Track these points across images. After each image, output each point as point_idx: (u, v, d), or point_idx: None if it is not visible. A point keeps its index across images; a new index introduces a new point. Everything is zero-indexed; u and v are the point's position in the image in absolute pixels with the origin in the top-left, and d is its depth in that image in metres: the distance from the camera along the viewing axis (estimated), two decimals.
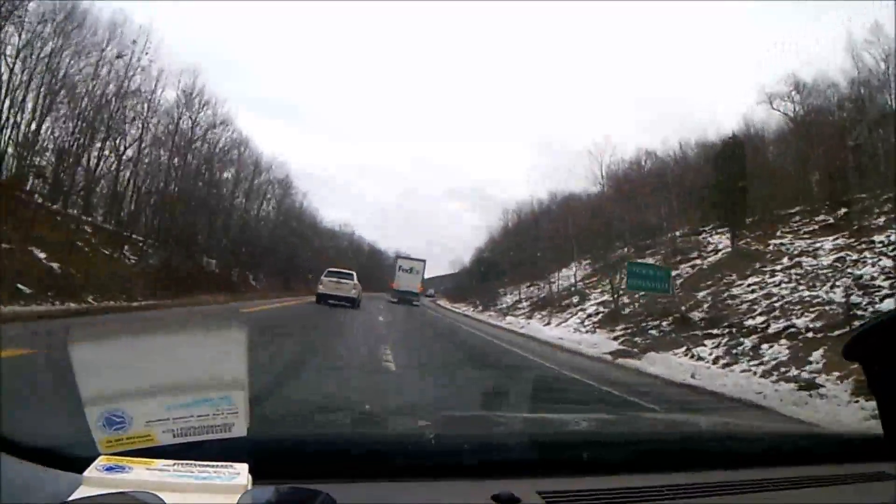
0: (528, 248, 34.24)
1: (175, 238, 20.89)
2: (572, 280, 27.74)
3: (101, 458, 0.82)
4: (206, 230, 24.25)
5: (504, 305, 32.42)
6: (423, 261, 35.32)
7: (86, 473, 0.79)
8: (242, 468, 0.82)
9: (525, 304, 30.03)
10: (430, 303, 45.06)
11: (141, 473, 0.79)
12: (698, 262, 20.82)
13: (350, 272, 21.26)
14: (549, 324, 21.73)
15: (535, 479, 1.04)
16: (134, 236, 19.43)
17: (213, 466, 0.82)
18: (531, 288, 31.86)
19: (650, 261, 21.39)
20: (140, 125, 19.94)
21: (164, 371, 0.89)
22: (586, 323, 20.00)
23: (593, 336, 17.10)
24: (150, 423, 0.85)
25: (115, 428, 0.84)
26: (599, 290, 23.45)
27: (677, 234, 25.26)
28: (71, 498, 0.75)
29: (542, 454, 1.14)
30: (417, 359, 9.55)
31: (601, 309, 20.84)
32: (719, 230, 22.05)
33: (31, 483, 0.82)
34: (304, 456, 0.97)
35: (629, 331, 16.29)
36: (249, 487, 0.79)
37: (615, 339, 15.66)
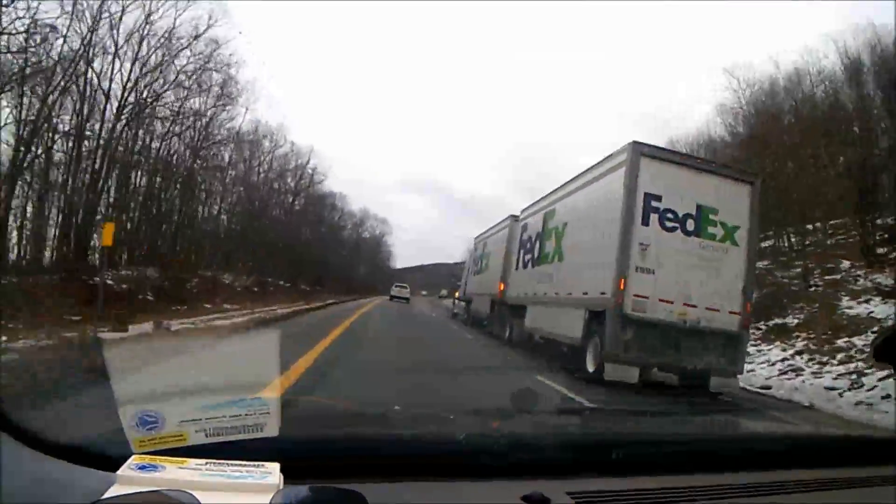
0: None
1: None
2: None
3: (134, 457, 0.82)
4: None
5: None
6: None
7: (119, 472, 0.79)
8: (274, 467, 0.82)
9: None
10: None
11: (174, 472, 0.79)
12: None
13: (405, 284, 41.79)
14: None
15: (564, 479, 1.03)
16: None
17: (245, 466, 0.81)
18: None
19: None
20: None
21: (198, 372, 0.89)
22: None
23: None
24: (184, 423, 0.85)
25: (149, 427, 0.84)
26: None
27: None
28: (104, 496, 0.75)
29: (572, 454, 1.13)
30: None
31: None
32: None
33: (64, 481, 0.82)
34: (336, 456, 0.97)
35: None
36: (281, 487, 0.79)
37: None
